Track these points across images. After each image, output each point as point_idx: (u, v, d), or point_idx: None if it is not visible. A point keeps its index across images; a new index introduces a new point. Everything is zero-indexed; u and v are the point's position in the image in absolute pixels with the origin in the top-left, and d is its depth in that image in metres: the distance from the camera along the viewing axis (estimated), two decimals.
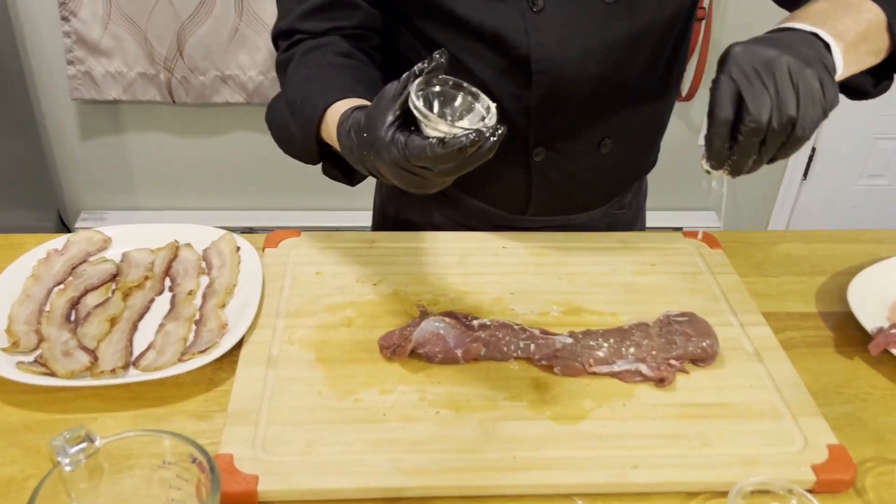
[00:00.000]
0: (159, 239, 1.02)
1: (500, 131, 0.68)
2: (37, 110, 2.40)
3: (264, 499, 0.71)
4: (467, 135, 0.66)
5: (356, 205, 2.60)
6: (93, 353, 0.83)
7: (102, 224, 2.56)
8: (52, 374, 0.80)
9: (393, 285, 0.97)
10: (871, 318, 0.94)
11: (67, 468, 0.60)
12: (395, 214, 1.22)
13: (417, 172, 0.71)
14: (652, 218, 2.81)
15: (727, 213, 2.82)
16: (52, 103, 2.40)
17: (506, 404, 0.80)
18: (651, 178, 3.20)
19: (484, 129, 0.67)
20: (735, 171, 0.75)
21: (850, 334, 0.95)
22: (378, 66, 1.00)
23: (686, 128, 2.65)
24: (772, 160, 0.75)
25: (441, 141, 0.67)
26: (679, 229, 2.78)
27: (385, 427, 0.77)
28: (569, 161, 1.05)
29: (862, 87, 0.90)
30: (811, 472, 0.74)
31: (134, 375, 0.82)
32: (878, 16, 0.81)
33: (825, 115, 0.73)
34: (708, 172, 0.76)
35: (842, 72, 0.77)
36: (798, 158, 2.73)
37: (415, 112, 0.69)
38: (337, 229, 2.58)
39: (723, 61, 0.73)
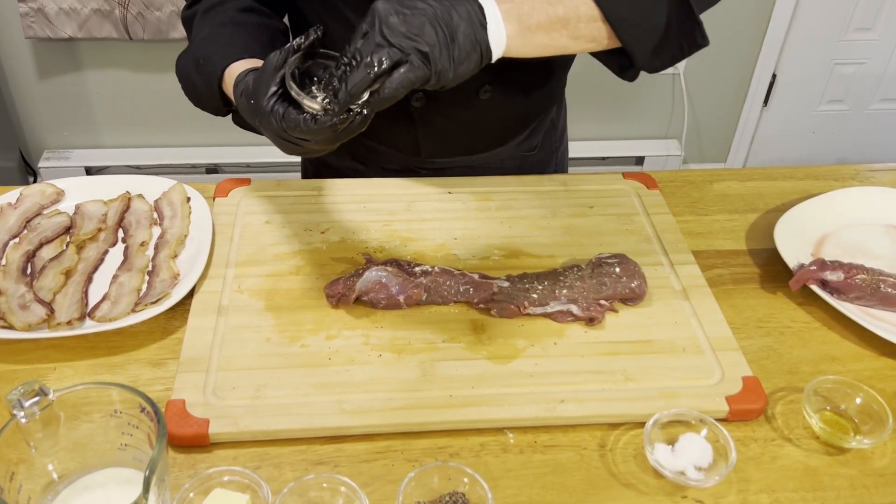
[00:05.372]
0: (111, 190, 1.04)
1: (368, 108, 0.73)
2: None
3: (215, 440, 0.76)
4: (337, 113, 0.72)
5: None
6: (49, 305, 0.86)
7: (66, 162, 2.55)
8: (11, 327, 0.84)
9: (340, 233, 1.00)
10: (795, 255, 0.99)
11: (23, 420, 0.64)
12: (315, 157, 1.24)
13: (296, 142, 0.76)
14: (614, 147, 2.86)
15: (689, 140, 2.85)
16: (7, 42, 2.35)
17: (444, 346, 0.85)
18: (612, 107, 3.20)
19: (355, 107, 0.73)
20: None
21: (776, 271, 1.00)
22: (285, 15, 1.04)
23: None
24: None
25: (314, 117, 0.73)
26: (642, 159, 2.83)
27: (330, 371, 0.82)
28: (449, 107, 1.05)
29: (612, 69, 0.90)
30: (725, 403, 0.80)
31: (90, 326, 0.85)
32: (588, 5, 0.81)
33: (387, 101, 0.74)
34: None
35: (504, 49, 0.78)
36: (758, 85, 2.75)
37: (290, 91, 0.74)
38: (297, 166, 2.58)
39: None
